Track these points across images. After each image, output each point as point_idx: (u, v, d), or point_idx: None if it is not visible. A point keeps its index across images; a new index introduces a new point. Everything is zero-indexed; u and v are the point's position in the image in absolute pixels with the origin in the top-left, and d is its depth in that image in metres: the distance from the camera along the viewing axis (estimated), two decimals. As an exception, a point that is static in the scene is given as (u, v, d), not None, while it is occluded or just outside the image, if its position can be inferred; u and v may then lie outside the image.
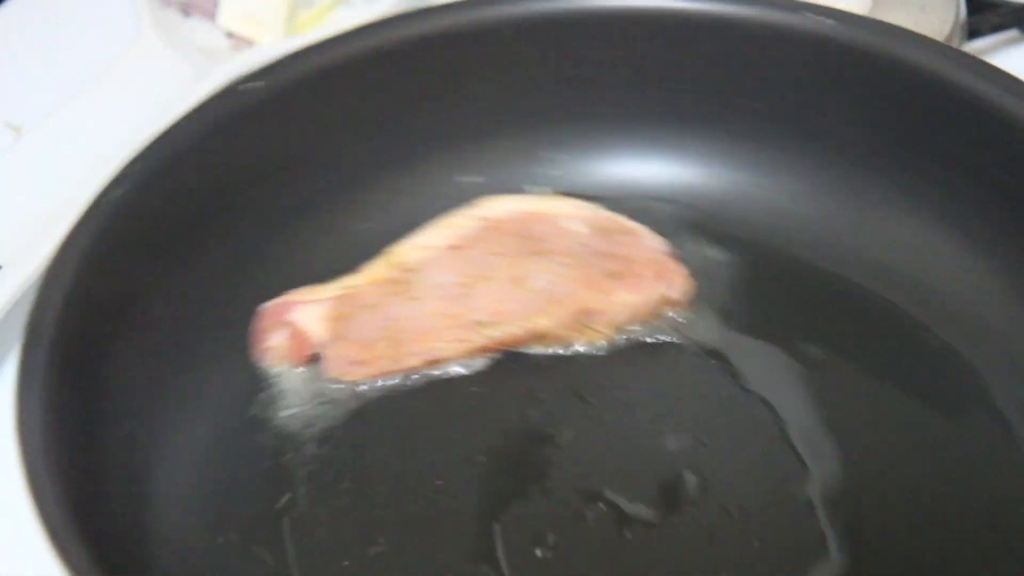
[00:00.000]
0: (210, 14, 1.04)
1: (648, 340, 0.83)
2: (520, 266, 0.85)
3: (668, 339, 0.83)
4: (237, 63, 0.98)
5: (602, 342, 0.83)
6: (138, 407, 0.75)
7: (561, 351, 0.83)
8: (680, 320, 0.84)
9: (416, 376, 0.81)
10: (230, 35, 1.04)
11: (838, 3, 0.87)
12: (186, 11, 1.04)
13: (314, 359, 0.82)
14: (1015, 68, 0.80)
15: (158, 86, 0.93)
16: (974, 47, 1.05)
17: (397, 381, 0.81)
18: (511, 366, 0.82)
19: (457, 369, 0.82)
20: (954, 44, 0.95)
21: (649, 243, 0.86)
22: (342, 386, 0.81)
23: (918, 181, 0.84)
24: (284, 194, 0.86)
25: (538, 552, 0.72)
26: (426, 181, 0.91)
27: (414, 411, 0.80)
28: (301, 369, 0.82)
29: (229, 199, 0.84)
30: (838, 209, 0.87)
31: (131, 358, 0.76)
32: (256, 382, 0.81)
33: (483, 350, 0.82)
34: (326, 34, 0.87)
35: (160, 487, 0.74)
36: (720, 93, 0.88)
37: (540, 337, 0.82)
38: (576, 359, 0.82)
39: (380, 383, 0.81)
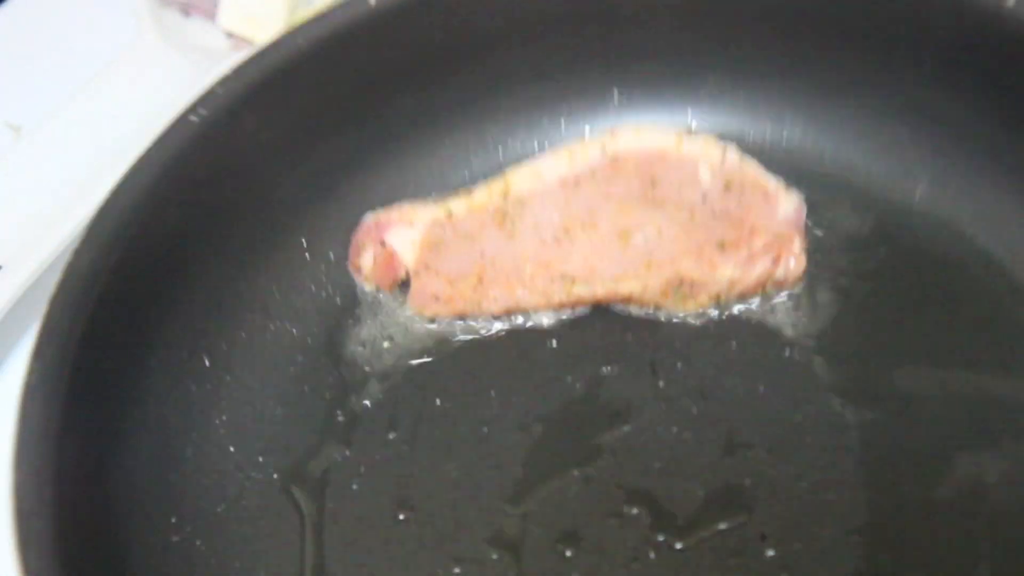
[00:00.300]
0: (210, 14, 1.02)
1: (745, 319, 0.78)
2: (629, 215, 0.80)
3: (766, 323, 0.78)
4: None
5: (695, 312, 0.79)
6: (208, 308, 0.77)
7: (650, 314, 0.79)
8: (787, 304, 0.79)
9: (496, 320, 0.80)
10: (230, 35, 1.02)
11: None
12: (186, 11, 1.02)
13: (404, 284, 0.81)
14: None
15: (158, 86, 0.92)
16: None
17: (476, 323, 0.80)
18: (595, 323, 0.79)
19: (539, 319, 0.79)
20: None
21: (781, 209, 0.80)
22: (421, 320, 0.80)
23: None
24: (408, 103, 0.83)
25: (558, 547, 0.71)
26: (578, 101, 0.87)
27: (483, 362, 0.78)
28: (386, 293, 0.81)
29: (347, 104, 0.81)
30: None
31: (212, 252, 0.77)
32: (340, 301, 0.81)
33: (567, 305, 0.79)
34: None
35: (215, 409, 0.76)
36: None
37: (628, 299, 0.79)
38: (662, 327, 0.79)
39: (459, 323, 0.80)
